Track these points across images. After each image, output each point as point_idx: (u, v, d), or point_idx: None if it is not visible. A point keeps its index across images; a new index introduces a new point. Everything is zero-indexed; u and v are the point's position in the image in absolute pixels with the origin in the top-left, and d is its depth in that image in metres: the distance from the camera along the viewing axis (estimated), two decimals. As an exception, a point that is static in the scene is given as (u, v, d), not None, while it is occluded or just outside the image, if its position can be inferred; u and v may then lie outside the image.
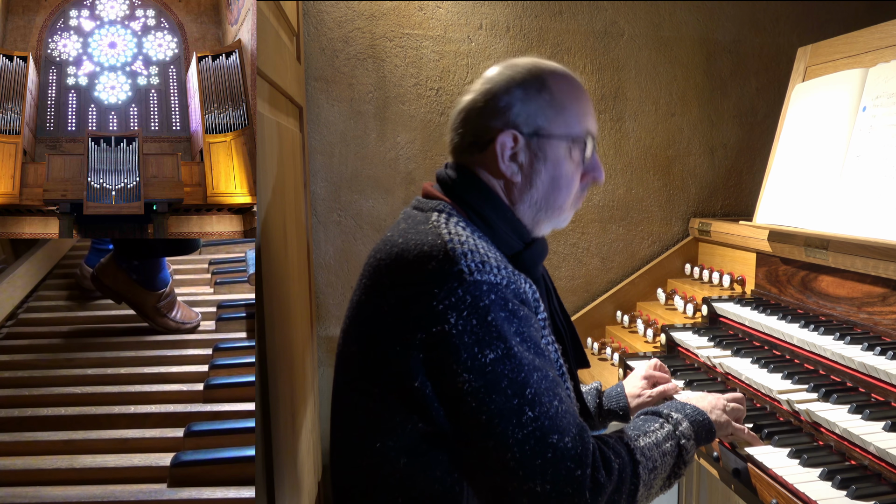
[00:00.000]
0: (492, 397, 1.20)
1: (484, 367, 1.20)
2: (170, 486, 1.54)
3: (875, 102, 2.06)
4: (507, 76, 1.41)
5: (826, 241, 2.09)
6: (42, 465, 1.57)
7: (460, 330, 1.20)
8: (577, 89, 1.45)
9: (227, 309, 2.40)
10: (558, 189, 1.42)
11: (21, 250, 2.97)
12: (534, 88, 1.39)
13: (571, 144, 1.41)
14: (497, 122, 1.39)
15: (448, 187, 1.44)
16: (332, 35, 2.83)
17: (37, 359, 2.08)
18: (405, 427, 1.27)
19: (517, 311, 1.25)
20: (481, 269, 1.24)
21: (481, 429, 1.21)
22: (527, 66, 1.43)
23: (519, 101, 1.39)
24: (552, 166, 1.40)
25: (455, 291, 1.21)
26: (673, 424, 1.44)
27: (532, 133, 1.39)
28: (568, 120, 1.41)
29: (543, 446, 1.20)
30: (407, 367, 1.24)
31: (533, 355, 1.25)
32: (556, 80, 1.42)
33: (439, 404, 1.24)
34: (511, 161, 1.40)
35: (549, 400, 1.22)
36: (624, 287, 3.06)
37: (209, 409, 1.83)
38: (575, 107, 1.43)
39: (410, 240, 1.30)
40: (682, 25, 3.10)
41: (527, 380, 1.21)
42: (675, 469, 1.41)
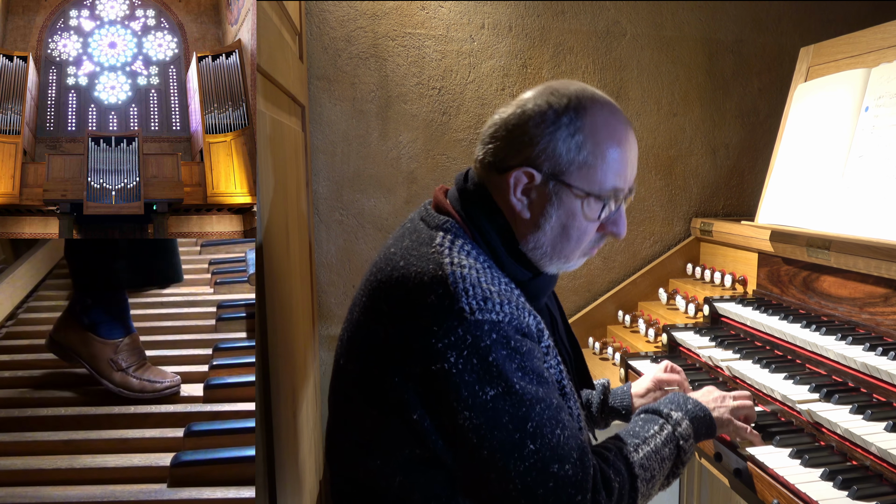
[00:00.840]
0: (493, 433, 1.19)
1: (485, 405, 1.19)
2: (170, 486, 1.53)
3: (878, 102, 2.06)
4: (545, 104, 1.30)
5: (828, 242, 2.09)
6: (42, 465, 1.57)
7: (461, 369, 1.19)
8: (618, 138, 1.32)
9: (227, 309, 2.39)
10: (567, 239, 1.34)
11: (21, 250, 2.97)
12: (567, 129, 1.28)
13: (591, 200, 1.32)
14: (519, 154, 1.30)
15: (464, 199, 1.37)
16: (335, 34, 2.82)
17: (37, 359, 2.08)
18: (402, 450, 1.27)
19: (519, 347, 1.23)
20: (482, 307, 1.21)
21: (483, 462, 1.21)
22: (568, 98, 1.30)
23: (547, 139, 1.28)
24: (565, 215, 1.32)
25: (455, 330, 1.19)
26: (672, 425, 1.43)
27: (551, 175, 1.29)
28: (597, 174, 1.30)
29: (545, 476, 1.20)
30: (405, 399, 1.23)
31: (536, 386, 1.23)
32: (594, 125, 1.29)
33: (437, 437, 1.24)
34: (523, 195, 1.32)
35: (551, 430, 1.22)
36: (625, 287, 3.05)
37: (209, 409, 1.83)
38: (610, 161, 1.31)
39: (412, 265, 1.26)
40: (684, 25, 3.10)
41: (528, 413, 1.20)
42: (674, 469, 1.41)
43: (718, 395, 1.59)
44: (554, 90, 1.32)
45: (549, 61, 2.99)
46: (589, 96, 1.32)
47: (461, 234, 1.32)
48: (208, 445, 1.63)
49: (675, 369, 1.87)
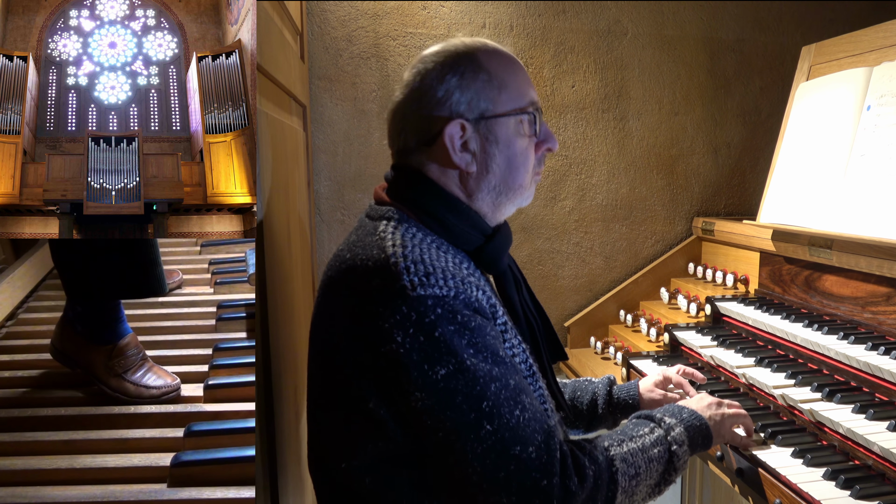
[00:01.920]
0: (446, 414, 1.16)
1: (436, 384, 1.16)
2: (170, 486, 1.53)
3: (879, 101, 2.05)
4: (438, 64, 1.33)
5: (830, 241, 2.08)
6: (42, 465, 1.56)
7: (408, 348, 1.16)
8: (512, 62, 1.38)
9: (227, 309, 2.38)
10: (515, 168, 1.36)
11: (21, 250, 2.96)
12: (469, 71, 1.32)
13: (520, 119, 1.35)
14: (440, 114, 1.32)
15: (395, 191, 1.38)
16: (336, 34, 2.82)
17: (37, 359, 2.07)
18: (366, 448, 1.24)
19: (468, 322, 1.20)
20: (425, 282, 1.19)
21: (440, 446, 1.18)
22: (456, 49, 1.35)
23: (457, 89, 1.31)
24: (505, 147, 1.34)
25: (399, 309, 1.17)
26: (665, 429, 1.40)
27: (478, 117, 1.32)
28: (511, 95, 1.34)
29: (505, 459, 1.16)
30: (361, 390, 1.22)
31: (490, 365, 1.20)
32: (489, 57, 1.35)
33: (395, 425, 1.22)
34: (463, 151, 1.33)
35: (510, 411, 1.18)
36: (627, 286, 3.05)
37: (209, 409, 1.82)
38: (514, 81, 1.36)
39: (357, 255, 1.26)
40: (685, 24, 3.09)
41: (483, 392, 1.17)
42: (666, 476, 1.37)
43: (713, 402, 1.55)
44: (431, 53, 1.37)
45: (551, 60, 2.99)
46: (470, 42, 1.37)
47: (405, 219, 1.32)
48: (208, 445, 1.62)
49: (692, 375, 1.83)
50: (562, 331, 3.07)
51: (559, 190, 3.05)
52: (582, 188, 3.07)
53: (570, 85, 3.02)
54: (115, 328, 1.94)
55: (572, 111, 3.03)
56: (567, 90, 3.02)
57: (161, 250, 3.07)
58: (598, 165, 3.08)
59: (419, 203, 1.34)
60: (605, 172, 3.09)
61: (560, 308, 3.09)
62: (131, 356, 1.93)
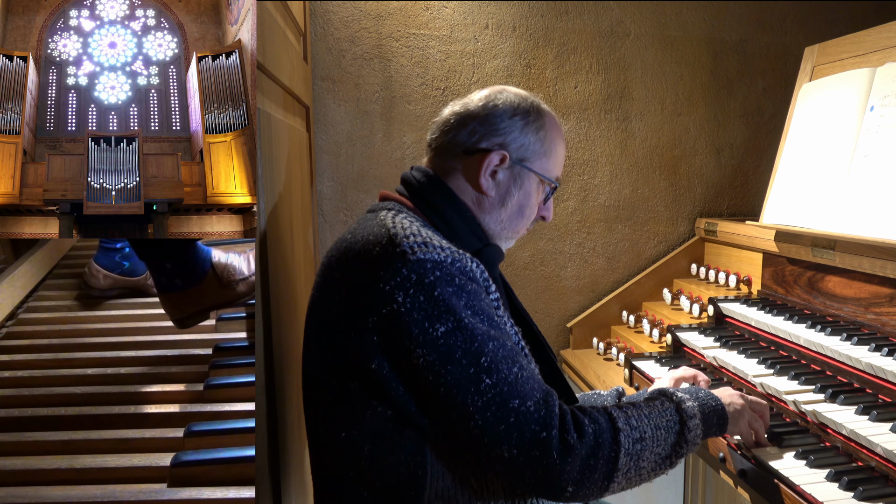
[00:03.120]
0: (447, 368, 1.23)
1: (436, 341, 1.23)
2: (170, 486, 1.52)
3: (883, 102, 2.05)
4: (513, 102, 1.51)
5: (833, 242, 2.07)
6: (42, 465, 1.55)
7: (409, 307, 1.24)
8: (562, 139, 1.58)
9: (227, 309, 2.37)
10: (522, 216, 1.52)
11: (21, 250, 2.95)
12: (534, 124, 1.51)
13: (543, 183, 1.53)
14: (492, 139, 1.48)
15: (413, 189, 1.50)
16: (339, 35, 2.82)
17: (37, 359, 2.07)
18: (365, 413, 1.30)
19: (465, 285, 1.28)
20: (424, 248, 1.27)
21: (442, 401, 1.24)
22: (531, 101, 1.53)
23: (518, 130, 1.49)
24: (524, 196, 1.50)
25: (400, 271, 1.25)
26: (676, 402, 1.42)
27: (518, 160, 1.49)
28: (549, 162, 1.53)
29: (505, 411, 1.22)
30: (363, 351, 1.27)
31: (486, 326, 1.27)
32: (551, 124, 1.54)
33: (397, 383, 1.27)
34: (491, 177, 1.48)
35: (508, 367, 1.25)
36: (630, 287, 3.04)
37: (209, 409, 1.81)
38: (557, 154, 1.55)
39: (358, 234, 1.36)
40: (688, 25, 3.09)
41: (481, 349, 1.24)
42: (677, 448, 1.38)
43: (734, 392, 1.58)
44: (515, 92, 1.55)
45: (553, 61, 2.98)
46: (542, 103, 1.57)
47: (405, 209, 1.44)
48: (208, 445, 1.61)
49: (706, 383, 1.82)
50: (564, 331, 3.06)
51: (562, 190, 3.04)
52: (585, 189, 3.07)
53: (573, 86, 3.02)
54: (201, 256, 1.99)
55: (575, 112, 3.02)
56: (570, 91, 3.02)
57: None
58: (601, 166, 3.07)
59: (430, 201, 1.47)
60: (608, 173, 3.08)
61: (562, 309, 3.08)
62: (227, 262, 2.01)
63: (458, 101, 1.55)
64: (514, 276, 3.02)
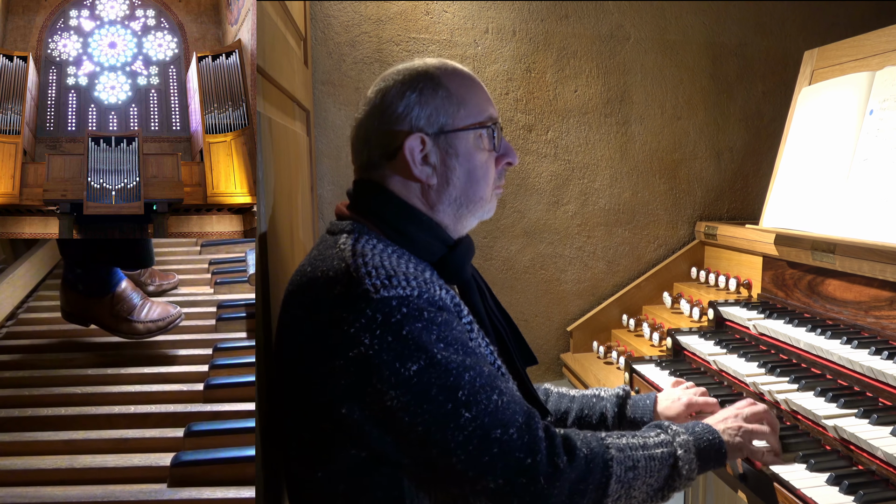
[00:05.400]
0: (423, 407, 1.17)
1: (409, 381, 1.17)
2: (170, 486, 1.52)
3: (882, 105, 2.05)
4: (398, 83, 1.39)
5: (833, 245, 2.08)
6: (42, 465, 1.56)
7: (377, 350, 1.17)
8: (471, 80, 1.43)
9: (227, 309, 2.38)
10: (476, 181, 1.40)
11: (21, 250, 2.96)
12: (428, 88, 1.38)
13: (479, 134, 1.39)
14: (399, 128, 1.36)
15: (356, 204, 1.41)
16: (339, 39, 2.82)
17: (37, 359, 2.07)
18: (339, 455, 1.25)
19: (435, 318, 1.22)
20: (388, 284, 1.21)
21: (420, 440, 1.19)
22: (415, 69, 1.41)
23: (416, 104, 1.37)
24: (465, 160, 1.38)
25: (364, 312, 1.18)
26: (671, 435, 1.40)
27: (437, 132, 1.37)
28: (470, 111, 1.39)
29: (487, 443, 1.18)
30: (332, 396, 1.21)
31: (461, 356, 1.22)
32: (447, 75, 1.40)
33: (371, 426, 1.21)
34: (424, 164, 1.37)
35: (487, 396, 1.20)
36: (630, 291, 3.04)
37: (209, 409, 1.82)
38: (473, 97, 1.41)
39: (318, 267, 1.29)
40: (687, 29, 3.10)
41: (457, 382, 1.19)
42: (670, 481, 1.36)
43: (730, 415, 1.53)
44: (392, 72, 1.42)
45: (553, 65, 2.99)
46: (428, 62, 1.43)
47: (365, 231, 1.35)
48: (208, 445, 1.62)
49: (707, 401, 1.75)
50: (564, 335, 3.07)
51: (562, 194, 3.04)
52: (585, 192, 3.07)
53: (573, 89, 3.02)
54: (111, 279, 2.13)
55: (575, 116, 3.03)
56: (570, 95, 3.02)
57: (161, 250, 3.08)
58: (601, 170, 3.07)
59: (381, 215, 1.37)
60: (608, 177, 3.08)
61: (563, 312, 3.08)
62: (131, 299, 2.13)
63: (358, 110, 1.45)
64: (515, 279, 3.02)
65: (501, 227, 3.00)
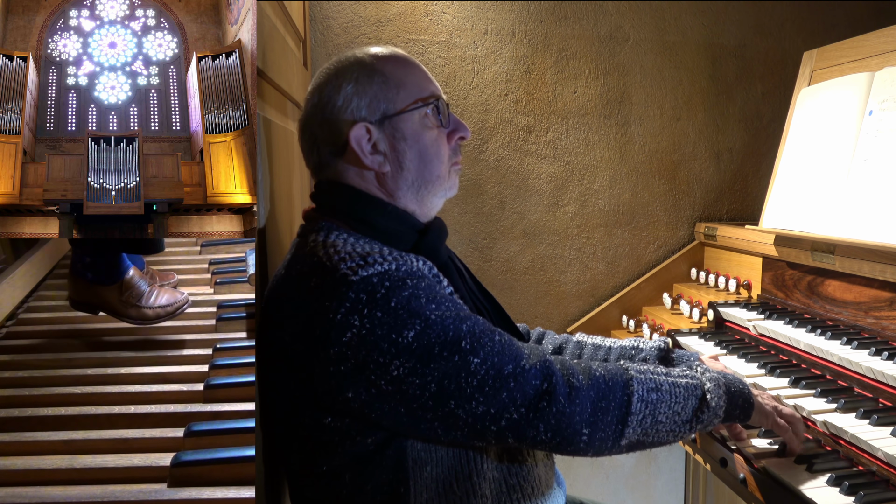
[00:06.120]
0: (430, 367, 1.18)
1: (410, 347, 1.18)
2: (170, 486, 1.52)
3: (882, 106, 2.05)
4: (332, 76, 1.39)
5: (833, 246, 2.08)
6: (42, 465, 1.55)
7: (370, 327, 1.18)
8: (406, 61, 1.42)
9: (227, 309, 2.38)
10: (429, 160, 1.39)
11: (21, 250, 2.95)
12: (363, 76, 1.37)
13: (424, 113, 1.38)
14: (342, 121, 1.36)
15: (321, 205, 1.42)
16: (339, 41, 2.82)
17: (37, 359, 2.07)
18: (344, 444, 1.25)
19: (418, 284, 1.23)
20: (364, 264, 1.21)
21: (437, 398, 1.19)
22: (347, 59, 1.40)
23: (354, 95, 1.36)
24: (414, 142, 1.37)
25: (346, 296, 1.19)
26: (700, 371, 1.41)
27: (381, 118, 1.36)
28: (409, 91, 1.38)
29: (502, 379, 1.20)
30: (333, 385, 1.21)
31: (454, 310, 1.23)
32: (380, 60, 1.39)
33: (381, 403, 1.21)
34: (373, 153, 1.36)
35: (490, 338, 1.22)
36: (630, 292, 3.04)
37: (209, 409, 1.81)
38: (411, 77, 1.40)
39: (291, 268, 1.30)
40: (687, 30, 3.10)
41: (457, 335, 1.20)
42: (698, 414, 1.35)
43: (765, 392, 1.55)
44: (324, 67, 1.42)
45: (553, 66, 2.99)
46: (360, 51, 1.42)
47: (334, 228, 1.35)
48: (208, 445, 1.61)
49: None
50: (564, 335, 3.07)
51: (561, 195, 3.04)
52: (584, 194, 3.07)
53: (573, 91, 3.02)
54: (119, 267, 2.16)
55: (574, 117, 3.03)
56: (569, 96, 3.02)
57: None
58: (601, 171, 3.07)
59: (345, 210, 1.37)
60: (608, 178, 3.08)
61: (562, 314, 3.08)
62: (139, 285, 2.17)
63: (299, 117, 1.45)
64: (514, 280, 3.02)
65: (501, 228, 3.00)
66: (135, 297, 2.16)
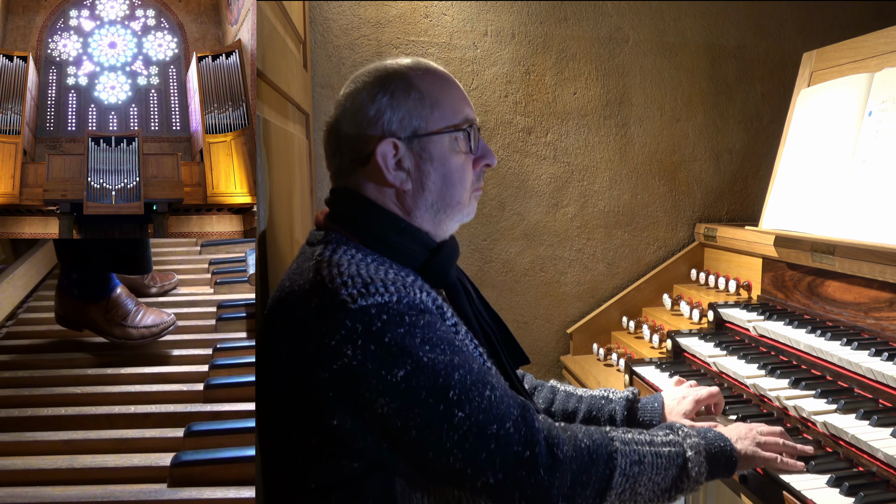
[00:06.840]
0: (414, 411, 1.15)
1: (397, 386, 1.15)
2: (170, 486, 1.52)
3: (881, 107, 2.05)
4: (368, 84, 1.35)
5: (832, 246, 2.08)
6: (42, 465, 1.55)
7: (361, 359, 1.15)
8: (445, 80, 1.38)
9: (227, 309, 2.38)
10: (452, 185, 1.35)
11: (21, 250, 2.95)
12: (400, 90, 1.33)
13: (455, 137, 1.34)
14: (371, 133, 1.32)
15: (334, 214, 1.38)
16: (339, 42, 2.82)
17: (37, 359, 2.07)
18: (331, 466, 1.23)
19: (417, 321, 1.20)
20: (365, 292, 1.18)
21: (416, 445, 1.17)
22: (386, 69, 1.36)
23: (388, 108, 1.32)
24: (440, 164, 1.33)
25: (343, 324, 1.16)
26: (681, 436, 1.39)
27: (411, 136, 1.32)
28: (444, 113, 1.34)
29: (484, 440, 1.17)
30: (320, 409, 1.19)
31: (449, 356, 1.19)
32: (420, 75, 1.35)
33: (365, 434, 1.19)
34: (397, 169, 1.32)
35: (479, 393, 1.19)
36: (630, 293, 3.05)
37: (209, 409, 1.81)
38: (447, 98, 1.36)
39: (295, 282, 1.27)
40: (686, 31, 3.10)
41: (447, 383, 1.17)
42: (678, 483, 1.35)
43: (745, 429, 1.52)
44: (363, 72, 1.38)
45: (553, 68, 2.99)
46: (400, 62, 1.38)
47: (343, 241, 1.32)
48: (208, 445, 1.61)
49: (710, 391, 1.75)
50: (564, 337, 3.07)
51: (561, 196, 3.05)
52: (584, 195, 3.07)
53: (572, 92, 3.02)
54: (106, 285, 2.15)
55: (574, 118, 3.03)
56: (569, 97, 3.02)
57: (161, 250, 3.08)
58: (600, 172, 3.08)
59: (358, 223, 1.34)
60: (607, 179, 3.09)
61: (562, 314, 3.09)
62: (125, 304, 2.15)
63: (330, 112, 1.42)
64: (514, 281, 3.02)
65: (501, 229, 3.00)
66: (120, 315, 2.13)
